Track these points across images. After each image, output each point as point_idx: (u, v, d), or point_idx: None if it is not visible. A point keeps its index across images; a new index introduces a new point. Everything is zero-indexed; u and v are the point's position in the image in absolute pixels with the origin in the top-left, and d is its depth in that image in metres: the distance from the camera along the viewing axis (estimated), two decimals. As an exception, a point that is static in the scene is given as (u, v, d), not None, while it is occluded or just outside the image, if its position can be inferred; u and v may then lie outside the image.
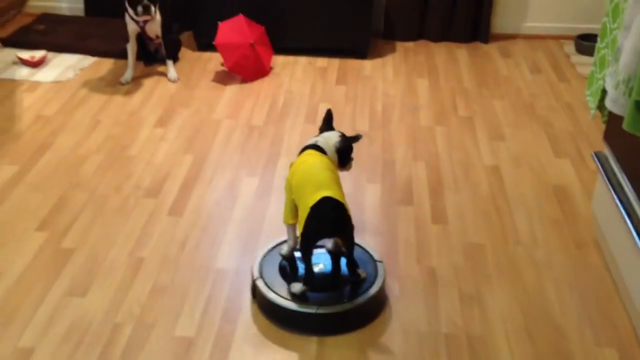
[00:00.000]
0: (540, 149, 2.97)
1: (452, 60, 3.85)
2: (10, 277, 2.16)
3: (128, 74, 3.46)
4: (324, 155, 2.07)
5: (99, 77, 3.51)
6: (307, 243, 1.98)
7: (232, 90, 3.43)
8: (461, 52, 3.95)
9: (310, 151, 2.07)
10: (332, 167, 2.06)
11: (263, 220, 2.48)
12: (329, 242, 2.14)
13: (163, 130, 3.05)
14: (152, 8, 3.26)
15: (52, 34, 3.86)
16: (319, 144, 2.10)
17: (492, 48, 4.01)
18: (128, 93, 3.37)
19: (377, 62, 3.80)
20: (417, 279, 2.21)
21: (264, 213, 2.52)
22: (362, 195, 2.63)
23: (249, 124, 3.12)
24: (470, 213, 2.54)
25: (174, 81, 3.50)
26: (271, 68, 3.65)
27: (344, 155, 2.11)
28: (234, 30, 3.49)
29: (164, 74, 3.55)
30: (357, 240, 2.08)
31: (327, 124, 2.19)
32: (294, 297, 2.00)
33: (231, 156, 2.87)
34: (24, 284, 2.14)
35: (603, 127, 2.34)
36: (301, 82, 3.54)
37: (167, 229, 2.41)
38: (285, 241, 2.19)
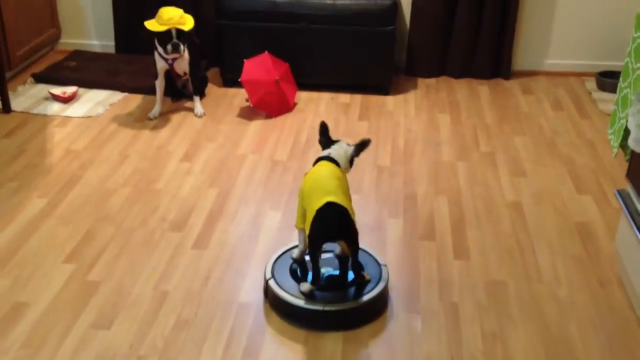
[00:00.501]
0: (562, 185, 2.97)
1: (474, 96, 3.89)
2: (37, 309, 2.21)
3: (156, 110, 3.55)
4: (335, 165, 2.24)
5: (127, 113, 3.60)
6: (313, 245, 2.13)
7: (256, 125, 3.50)
8: (482, 89, 3.98)
9: (323, 162, 2.25)
10: (342, 176, 2.22)
11: (287, 253, 2.50)
12: (336, 248, 2.28)
13: (189, 164, 3.11)
14: (181, 47, 3.35)
15: (83, 71, 3.98)
16: (332, 155, 2.27)
17: (513, 84, 4.04)
18: (156, 128, 3.44)
19: (399, 98, 3.85)
20: (438, 314, 2.21)
21: (288, 244, 2.54)
22: (384, 230, 2.65)
23: (272, 159, 3.17)
24: (492, 249, 2.54)
25: (200, 116, 3.57)
26: (295, 104, 3.72)
27: (352, 161, 2.31)
28: (259, 67, 3.57)
29: (191, 110, 3.63)
30: (361, 245, 2.22)
31: (325, 135, 2.35)
32: (303, 295, 2.15)
33: (255, 190, 2.91)
34: (51, 316, 2.18)
35: (626, 164, 2.35)
36: (324, 117, 3.60)
37: (192, 263, 2.45)
38: (296, 246, 2.34)
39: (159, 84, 3.54)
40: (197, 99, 3.62)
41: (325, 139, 2.34)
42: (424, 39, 4.05)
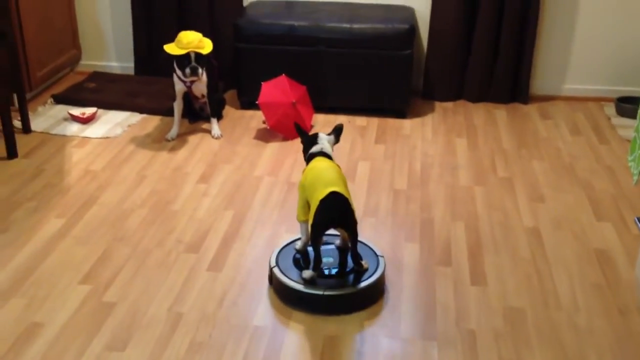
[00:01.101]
0: (581, 211, 2.94)
1: (491, 120, 3.87)
2: (52, 329, 2.21)
3: (174, 131, 3.57)
4: (330, 160, 2.43)
5: (145, 134, 3.63)
6: (316, 231, 2.28)
7: (273, 147, 3.50)
8: (500, 113, 3.97)
9: (319, 158, 2.42)
10: (339, 169, 2.41)
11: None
12: (337, 240, 2.47)
13: (205, 186, 3.12)
14: (200, 70, 3.37)
15: (103, 92, 4.02)
16: (325, 150, 2.46)
17: (531, 109, 4.03)
18: (173, 149, 3.46)
19: (416, 121, 3.85)
20: (455, 341, 2.19)
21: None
22: (401, 254, 2.63)
23: (288, 181, 3.17)
24: (510, 275, 2.51)
25: (217, 138, 3.59)
26: (312, 126, 3.72)
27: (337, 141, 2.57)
28: (277, 89, 3.59)
29: (208, 131, 3.65)
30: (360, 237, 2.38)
31: (304, 135, 2.54)
32: (305, 282, 2.32)
33: (271, 213, 2.91)
34: (66, 337, 2.18)
35: (646, 191, 2.32)
36: (341, 140, 3.58)
37: (206, 285, 2.45)
38: (299, 238, 2.50)
39: (177, 106, 3.56)
40: (214, 120, 3.64)
41: (306, 138, 2.52)
42: (442, 63, 4.05)
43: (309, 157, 2.45)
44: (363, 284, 2.33)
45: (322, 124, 3.78)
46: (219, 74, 3.73)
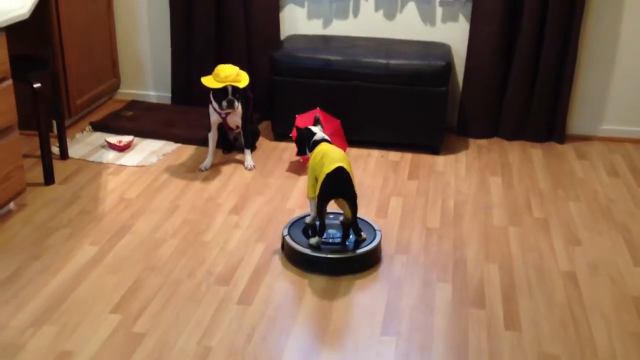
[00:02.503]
0: (618, 256, 2.87)
1: (526, 159, 3.83)
2: (82, 359, 2.21)
3: (207, 161, 3.60)
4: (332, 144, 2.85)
5: (180, 163, 3.66)
6: (322, 200, 2.66)
7: (305, 180, 3.49)
8: (536, 152, 3.93)
9: (324, 143, 2.81)
10: (343, 151, 2.76)
11: (330, 314, 2.47)
12: (340, 217, 2.82)
13: (237, 217, 3.13)
14: (236, 103, 3.41)
15: (139, 120, 4.08)
16: (325, 137, 2.86)
17: (567, 149, 3.98)
18: (206, 179, 3.49)
19: (450, 158, 3.82)
20: (487, 388, 2.13)
21: (332, 307, 2.51)
22: (432, 294, 2.59)
23: (320, 215, 3.16)
24: (545, 321, 2.45)
25: (250, 169, 3.61)
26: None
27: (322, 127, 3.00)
28: (310, 122, 3.59)
29: (241, 162, 3.67)
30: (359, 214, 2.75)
31: (301, 130, 2.99)
32: (312, 247, 2.71)
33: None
34: (95, 366, 2.18)
35: (688, 239, 2.26)
36: (373, 175, 3.59)
37: (236, 318, 2.43)
38: (309, 214, 2.86)
39: (212, 136, 3.60)
40: (247, 151, 3.66)
41: (303, 132, 2.94)
42: (477, 100, 4.04)
43: (313, 144, 2.85)
44: (361, 250, 2.72)
45: (354, 157, 3.77)
46: (253, 106, 3.76)
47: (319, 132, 2.90)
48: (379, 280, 2.68)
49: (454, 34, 4.05)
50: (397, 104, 3.78)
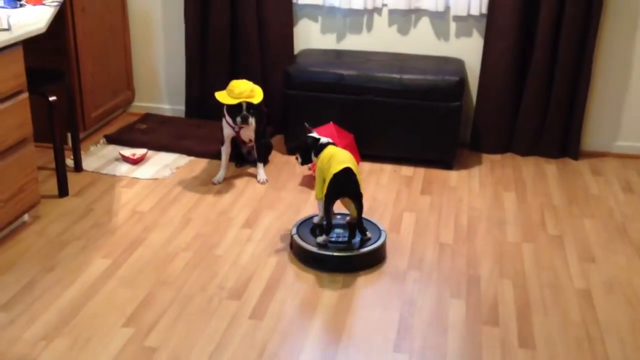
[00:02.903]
0: (634, 274, 2.84)
1: (541, 175, 3.81)
2: (94, 372, 2.21)
3: (220, 175, 3.61)
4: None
5: (193, 176, 3.67)
6: (329, 199, 2.80)
7: (318, 195, 3.50)
8: (550, 168, 3.90)
9: (330, 146, 2.92)
10: (350, 153, 2.87)
11: (343, 330, 2.45)
12: (347, 217, 2.94)
13: (249, 231, 3.12)
14: (250, 118, 3.41)
15: (153, 133, 4.10)
16: (331, 141, 2.96)
17: (582, 165, 3.95)
18: (219, 193, 3.49)
19: (463, 173, 3.81)
20: (501, 407, 2.11)
21: (344, 323, 2.49)
22: (445, 311, 2.57)
23: (333, 230, 3.15)
24: (560, 339, 2.43)
25: (262, 183, 3.61)
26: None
27: None
28: (324, 136, 3.59)
29: (254, 176, 3.67)
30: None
31: (307, 137, 3.04)
32: (319, 245, 2.83)
33: (314, 262, 2.89)
34: (107, 380, 2.18)
35: None
36: (386, 189, 3.58)
37: (248, 333, 2.42)
38: (317, 214, 2.99)
39: (225, 150, 3.61)
40: (260, 165, 3.66)
41: (308, 139, 3.00)
42: (490, 115, 4.02)
43: (320, 147, 2.93)
44: (366, 249, 2.83)
45: (367, 172, 3.77)
46: (267, 120, 3.77)
47: (322, 137, 3.00)
48: (392, 296, 2.66)
49: (467, 50, 4.05)
50: (410, 119, 3.77)
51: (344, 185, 2.76)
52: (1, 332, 2.39)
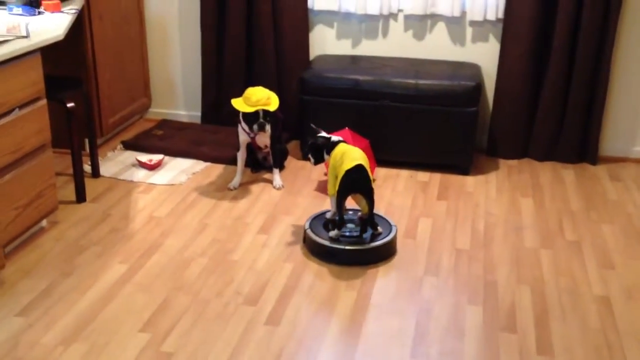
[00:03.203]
0: (655, 280, 2.81)
1: (558, 180, 3.78)
2: (111, 377, 2.22)
3: (236, 180, 3.62)
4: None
5: (209, 182, 3.68)
6: (342, 196, 2.88)
7: (334, 200, 3.49)
8: (567, 173, 3.87)
9: (342, 144, 3.01)
10: (361, 151, 2.96)
11: (359, 337, 2.44)
12: (358, 213, 2.99)
13: (265, 236, 3.12)
14: (267, 126, 3.42)
15: (170, 139, 4.12)
16: (341, 139, 3.05)
17: (600, 170, 3.91)
18: (235, 198, 3.50)
19: (480, 178, 3.79)
20: (520, 415, 2.09)
21: (360, 330, 2.48)
22: (462, 317, 2.55)
23: (349, 236, 3.14)
24: (579, 346, 2.40)
25: (278, 189, 3.61)
26: (374, 180, 3.70)
27: None
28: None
29: (270, 181, 3.67)
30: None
31: (317, 137, 3.13)
32: (331, 239, 2.93)
33: (330, 267, 2.88)
34: (124, 385, 2.18)
35: None
36: (402, 195, 3.57)
37: (264, 339, 2.42)
38: (329, 210, 3.08)
39: (240, 156, 3.61)
40: (276, 171, 3.67)
41: (319, 139, 3.09)
42: (507, 120, 4.00)
43: (331, 145, 3.02)
44: (376, 243, 2.92)
45: (383, 178, 3.76)
46: (282, 126, 3.78)
47: (332, 136, 3.10)
48: (408, 302, 2.65)
49: (484, 55, 4.03)
50: (426, 124, 3.76)
51: (356, 182, 2.85)
52: (19, 336, 2.41)
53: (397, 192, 3.60)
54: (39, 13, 3.21)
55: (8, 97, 2.67)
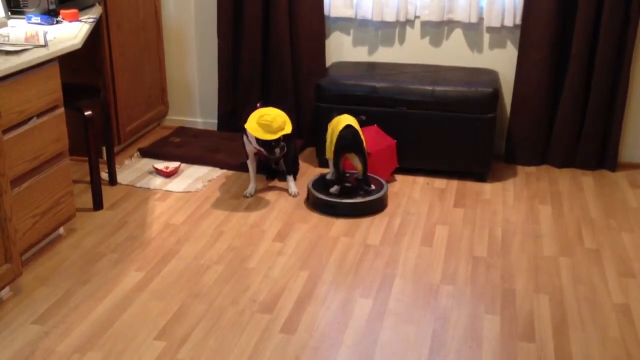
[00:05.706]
0: (676, 289, 2.76)
1: (577, 187, 3.73)
2: (127, 385, 2.22)
3: (251, 188, 3.61)
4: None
5: (225, 190, 3.69)
6: (338, 155, 3.36)
7: (350, 208, 3.48)
8: (586, 180, 3.82)
9: (344, 114, 3.44)
10: (355, 119, 3.45)
11: (375, 345, 2.42)
12: (354, 174, 3.44)
13: (281, 244, 3.12)
14: (286, 147, 3.38)
15: (186, 147, 4.14)
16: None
17: (619, 177, 3.86)
18: (250, 206, 3.50)
19: (497, 185, 3.75)
20: None
21: (376, 338, 2.46)
22: (480, 326, 2.52)
23: (365, 243, 3.13)
24: (598, 356, 2.36)
25: (294, 196, 3.60)
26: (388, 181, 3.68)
27: None
28: (369, 137, 3.59)
29: (285, 189, 3.67)
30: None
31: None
32: (331, 194, 3.40)
33: (346, 275, 2.87)
34: (139, 393, 2.18)
35: None
36: (419, 202, 3.55)
37: (279, 347, 2.41)
38: (330, 172, 3.56)
39: (251, 164, 3.61)
40: (290, 178, 3.66)
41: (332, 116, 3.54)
42: (525, 127, 3.96)
43: (331, 118, 3.50)
44: (370, 198, 3.39)
45: (399, 185, 3.74)
46: (294, 133, 3.75)
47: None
48: (425, 311, 2.63)
49: (501, 61, 4.01)
50: (443, 131, 3.74)
51: (348, 139, 3.30)
52: (36, 344, 2.42)
53: (414, 199, 3.58)
54: (57, 22, 3.24)
55: (26, 106, 2.70)
